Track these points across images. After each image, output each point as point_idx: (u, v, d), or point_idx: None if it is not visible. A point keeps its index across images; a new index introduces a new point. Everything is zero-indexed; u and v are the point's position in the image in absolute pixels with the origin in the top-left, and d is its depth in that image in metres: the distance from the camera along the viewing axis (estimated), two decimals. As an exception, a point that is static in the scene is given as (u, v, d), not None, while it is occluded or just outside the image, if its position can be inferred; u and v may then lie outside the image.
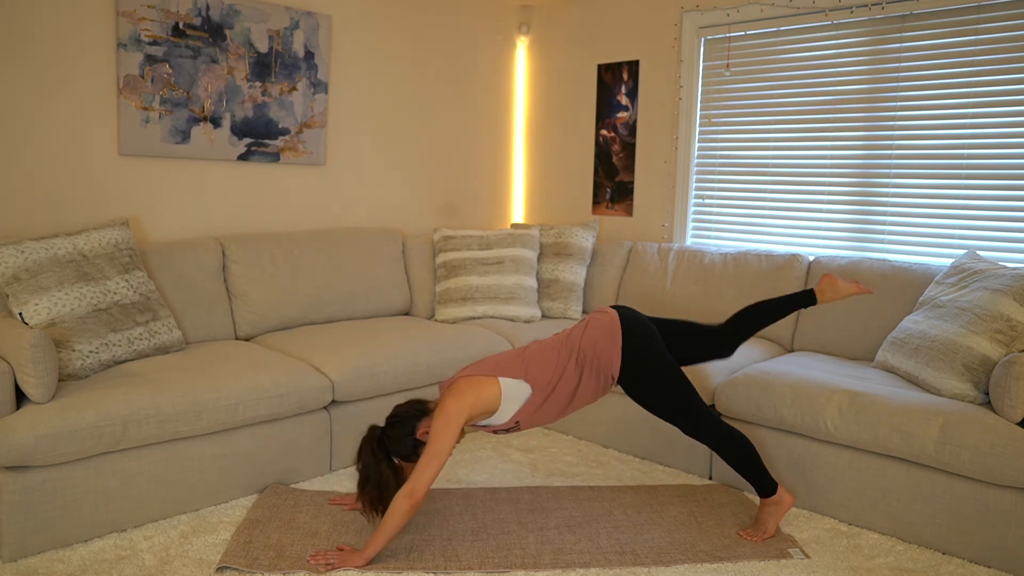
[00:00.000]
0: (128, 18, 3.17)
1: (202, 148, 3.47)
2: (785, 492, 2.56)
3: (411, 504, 2.26)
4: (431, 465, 2.27)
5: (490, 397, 2.41)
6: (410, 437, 2.40)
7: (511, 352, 2.55)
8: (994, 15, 3.20)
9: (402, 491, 2.27)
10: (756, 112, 3.92)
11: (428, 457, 2.27)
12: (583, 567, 2.35)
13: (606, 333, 2.52)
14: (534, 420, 2.50)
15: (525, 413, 2.47)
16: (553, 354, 2.51)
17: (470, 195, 4.73)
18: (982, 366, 2.63)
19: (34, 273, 2.64)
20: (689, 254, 3.93)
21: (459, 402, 2.34)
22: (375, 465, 2.38)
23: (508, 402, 2.44)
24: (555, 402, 2.49)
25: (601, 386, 2.54)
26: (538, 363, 2.48)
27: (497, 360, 2.50)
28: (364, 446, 2.41)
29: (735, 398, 2.93)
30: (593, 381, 2.51)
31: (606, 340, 2.51)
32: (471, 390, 2.39)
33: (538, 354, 2.51)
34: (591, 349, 2.50)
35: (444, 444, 2.29)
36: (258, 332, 3.45)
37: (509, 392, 2.43)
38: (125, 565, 2.30)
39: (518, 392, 2.44)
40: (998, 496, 2.40)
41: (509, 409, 2.45)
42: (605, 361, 2.50)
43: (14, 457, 2.23)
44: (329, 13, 3.87)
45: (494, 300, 3.91)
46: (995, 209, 3.26)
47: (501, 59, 4.79)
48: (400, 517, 2.27)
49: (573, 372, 2.48)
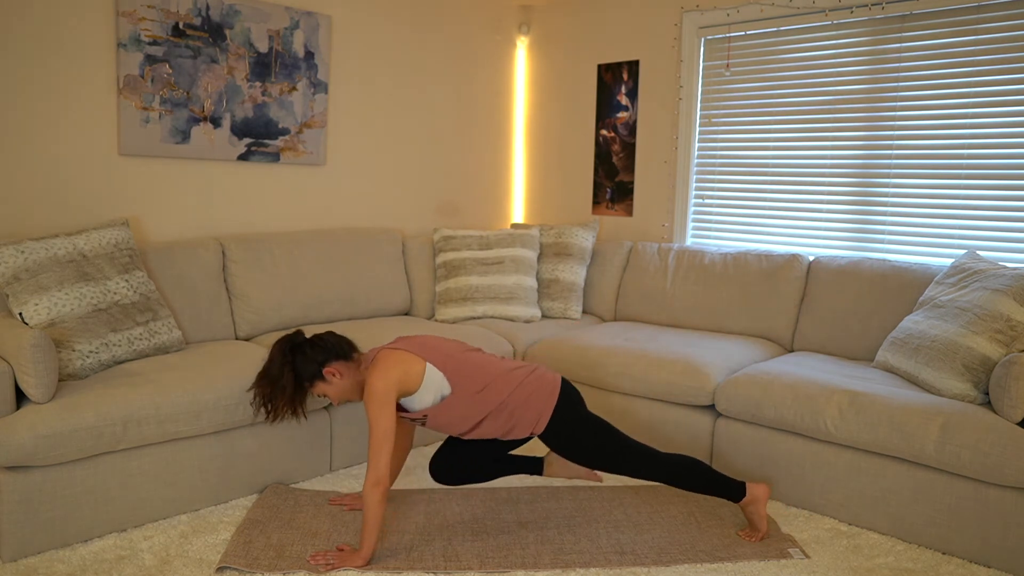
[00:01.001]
0: (128, 18, 3.17)
1: (202, 148, 3.47)
2: (755, 486, 2.53)
3: (381, 492, 2.26)
4: (381, 449, 2.26)
5: (414, 375, 2.37)
6: (317, 365, 2.41)
7: (448, 343, 2.51)
8: (994, 15, 3.20)
9: (368, 483, 2.26)
10: (756, 112, 3.92)
11: (376, 442, 2.26)
12: (583, 567, 2.35)
13: (546, 388, 2.44)
14: (439, 423, 2.44)
15: (436, 411, 2.41)
16: (488, 376, 2.43)
17: (470, 195, 4.73)
18: (982, 366, 2.63)
19: (34, 273, 2.64)
20: (689, 254, 3.93)
21: (386, 381, 2.31)
22: (280, 365, 2.41)
23: (426, 390, 2.39)
24: (465, 417, 2.41)
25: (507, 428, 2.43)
26: (471, 373, 2.42)
27: (431, 344, 2.46)
28: (279, 343, 2.44)
29: (735, 398, 2.93)
30: (501, 421, 2.42)
31: (543, 396, 2.43)
32: (398, 366, 2.35)
33: (475, 365, 2.44)
34: (524, 395, 2.42)
35: (385, 426, 2.28)
36: (258, 332, 3.45)
37: (431, 381, 2.39)
38: (125, 565, 2.30)
39: (438, 386, 2.40)
40: (998, 496, 2.40)
41: (425, 398, 2.40)
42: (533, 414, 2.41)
43: (14, 457, 2.23)
44: (329, 13, 3.87)
45: (494, 300, 3.91)
46: (995, 209, 3.26)
47: (501, 59, 4.79)
48: (377, 507, 2.27)
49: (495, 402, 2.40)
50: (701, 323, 3.78)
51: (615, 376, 3.28)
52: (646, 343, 3.41)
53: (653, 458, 2.46)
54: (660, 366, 3.17)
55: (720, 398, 2.99)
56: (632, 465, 2.45)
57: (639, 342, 3.43)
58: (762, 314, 3.60)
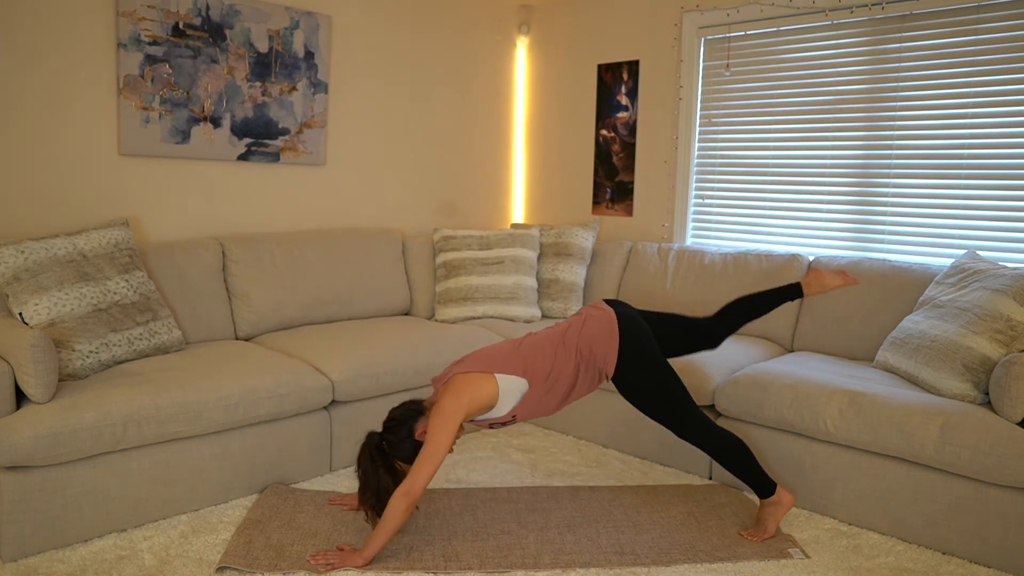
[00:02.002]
0: (128, 18, 3.17)
1: (202, 148, 3.47)
2: (784, 492, 2.56)
3: (408, 503, 2.26)
4: (428, 464, 2.27)
5: (488, 394, 2.41)
6: (409, 439, 2.40)
7: (505, 345, 2.54)
8: (994, 15, 3.20)
9: (399, 490, 2.26)
10: (756, 112, 3.92)
11: (425, 456, 2.27)
12: (583, 567, 2.35)
13: (603, 332, 2.52)
14: (531, 413, 2.51)
15: (522, 407, 2.47)
16: (550, 349, 2.50)
17: (470, 195, 4.73)
18: (982, 366, 2.63)
19: (34, 273, 2.64)
20: (689, 254, 3.93)
21: (456, 402, 2.34)
22: (374, 471, 2.37)
23: (506, 398, 2.43)
24: (552, 397, 2.49)
25: (595, 381, 2.56)
26: (535, 358, 2.48)
27: (492, 354, 2.49)
28: (363, 453, 2.41)
29: (735, 398, 2.93)
30: (588, 377, 2.53)
31: (603, 339, 2.51)
32: (468, 389, 2.38)
33: (534, 348, 2.51)
34: (587, 347, 2.50)
35: (441, 443, 2.28)
36: (258, 332, 3.45)
37: (506, 388, 2.43)
38: (125, 565, 2.30)
39: (515, 387, 2.44)
40: (998, 496, 2.40)
41: (506, 404, 2.45)
42: (601, 359, 2.51)
43: (14, 457, 2.23)
44: (329, 13, 3.87)
45: (494, 300, 3.91)
46: (995, 209, 3.26)
47: (501, 59, 4.79)
48: (398, 516, 2.27)
49: (570, 369, 2.49)
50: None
51: (615, 376, 3.28)
52: (646, 343, 3.41)
53: (709, 424, 2.54)
54: (660, 366, 3.17)
55: (720, 398, 2.99)
56: (691, 418, 2.51)
57: (639, 342, 3.43)
58: (762, 314, 3.60)
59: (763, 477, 2.54)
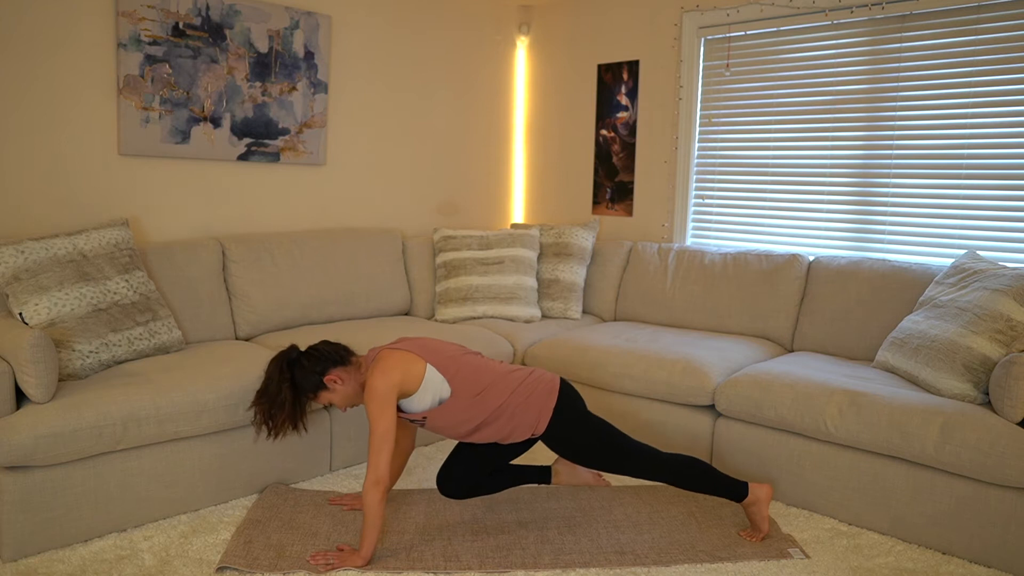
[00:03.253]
0: (128, 18, 3.17)
1: (202, 148, 3.47)
2: (758, 487, 2.53)
3: (381, 492, 2.26)
4: (381, 450, 2.26)
5: (414, 376, 2.36)
6: (317, 375, 2.41)
7: (449, 346, 2.50)
8: (994, 15, 3.20)
9: (368, 483, 2.26)
10: (756, 112, 3.92)
11: (376, 442, 2.26)
12: (583, 567, 2.35)
13: (546, 389, 2.44)
14: (440, 426, 2.44)
15: (435, 413, 2.41)
16: (489, 377, 2.43)
17: (470, 195, 4.73)
18: (982, 366, 2.63)
19: (34, 273, 2.64)
20: (689, 254, 3.93)
21: (387, 381, 2.31)
22: (278, 382, 2.40)
23: (425, 392, 2.38)
24: (467, 419, 2.41)
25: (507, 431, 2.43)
26: (471, 376, 2.42)
27: (432, 346, 2.45)
28: (275, 360, 2.44)
29: (735, 398, 2.93)
30: (507, 423, 2.41)
31: (543, 395, 2.43)
32: (399, 367, 2.34)
33: (474, 368, 2.44)
34: (526, 393, 2.42)
35: (385, 425, 2.27)
36: (258, 332, 3.45)
37: (431, 382, 2.38)
38: (125, 565, 2.30)
39: (438, 388, 2.39)
40: (998, 496, 2.40)
41: (424, 399, 2.39)
42: (534, 412, 2.41)
43: (14, 457, 2.23)
44: (329, 13, 3.87)
45: (494, 300, 3.91)
46: (995, 209, 3.26)
47: (501, 59, 4.79)
48: (377, 507, 2.27)
49: (495, 404, 2.39)
50: (701, 323, 3.78)
51: (615, 376, 3.28)
52: (646, 343, 3.41)
53: (655, 458, 2.46)
54: (660, 366, 3.17)
55: (720, 398, 2.99)
56: (634, 464, 2.45)
57: (639, 342, 3.43)
58: (762, 314, 3.60)
59: (730, 484, 2.50)
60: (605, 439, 2.45)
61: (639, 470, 2.46)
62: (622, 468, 2.46)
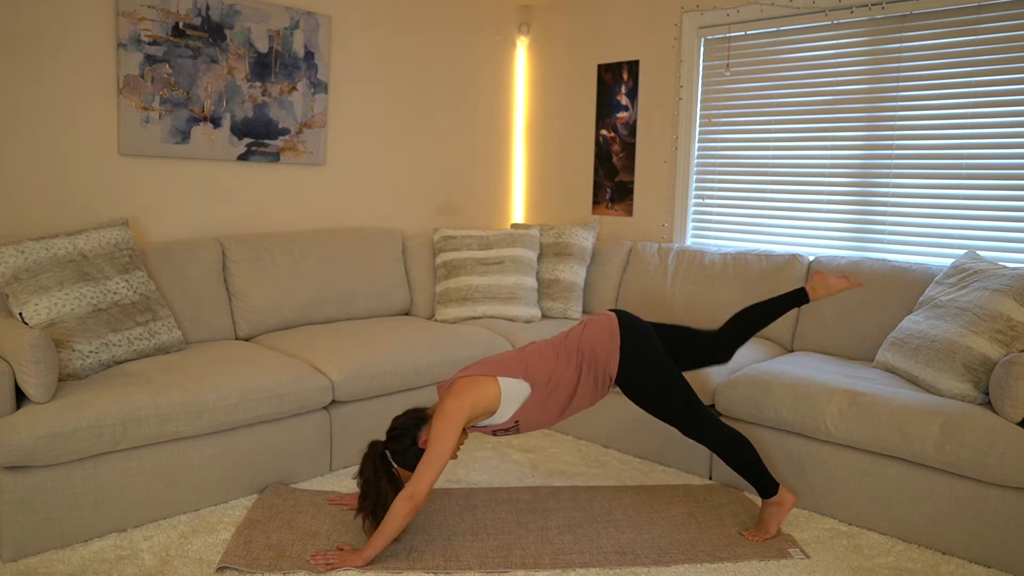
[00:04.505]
0: (128, 18, 3.17)
1: (202, 148, 3.47)
2: (787, 492, 2.56)
3: (412, 507, 2.26)
4: (432, 468, 2.27)
5: (490, 397, 2.41)
6: (412, 447, 2.40)
7: (509, 352, 2.56)
8: (994, 15, 3.20)
9: (403, 493, 2.27)
10: (756, 112, 3.92)
11: (428, 460, 2.28)
12: (583, 567, 2.35)
13: (604, 333, 2.52)
14: (533, 421, 2.50)
15: (525, 412, 2.47)
16: (551, 353, 2.52)
17: (470, 195, 4.73)
18: (982, 366, 2.63)
19: (34, 273, 2.64)
20: (689, 254, 3.93)
21: (458, 403, 2.34)
22: (375, 481, 2.36)
23: (508, 402, 2.44)
24: (555, 402, 2.49)
25: (599, 386, 2.54)
26: (537, 362, 2.49)
27: (496, 360, 2.50)
28: (366, 461, 2.40)
29: (735, 398, 2.93)
30: (591, 381, 2.52)
31: (604, 340, 2.51)
32: (470, 391, 2.39)
33: (537, 354, 2.52)
34: (589, 349, 2.51)
35: (444, 446, 2.29)
36: (258, 332, 3.45)
37: (509, 392, 2.44)
38: (125, 565, 2.30)
39: (518, 391, 2.45)
40: (998, 496, 2.40)
41: (509, 409, 2.45)
42: (603, 360, 2.51)
43: (14, 457, 2.23)
44: (329, 13, 3.87)
45: (494, 300, 3.91)
46: (995, 209, 3.26)
47: (501, 59, 4.79)
48: (400, 519, 2.27)
49: (572, 371, 2.49)
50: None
51: (615, 376, 3.28)
52: (646, 343, 3.41)
53: (714, 421, 2.54)
54: (660, 366, 3.17)
55: (720, 398, 2.99)
56: (696, 415, 2.51)
57: (639, 342, 3.43)
58: (762, 314, 3.60)
59: (767, 476, 2.55)
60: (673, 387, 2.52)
61: (696, 428, 2.52)
62: (684, 410, 2.51)
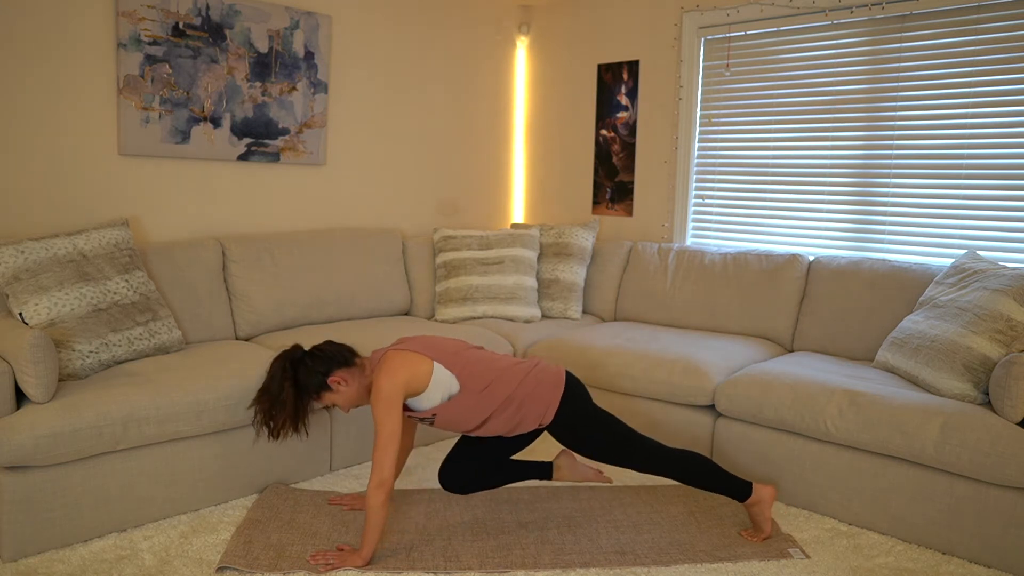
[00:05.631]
0: (128, 18, 3.17)
1: (202, 148, 3.47)
2: (762, 487, 2.53)
3: (385, 493, 2.25)
4: (387, 451, 2.25)
5: (421, 375, 2.36)
6: (321, 375, 2.39)
7: (451, 342, 2.50)
8: (994, 15, 3.20)
9: (372, 484, 2.25)
10: (756, 112, 3.92)
11: (381, 444, 2.25)
12: (583, 567, 2.35)
13: (551, 380, 2.45)
14: (449, 421, 2.44)
15: (445, 409, 2.41)
16: (493, 371, 2.43)
17: (470, 195, 4.73)
18: (982, 366, 2.63)
19: (34, 273, 2.64)
20: (689, 254, 3.93)
21: (392, 381, 2.30)
22: (280, 381, 2.37)
23: (434, 389, 2.38)
24: (476, 414, 2.41)
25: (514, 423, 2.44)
26: (477, 368, 2.42)
27: (435, 343, 2.45)
28: (278, 358, 2.41)
29: (735, 398, 2.93)
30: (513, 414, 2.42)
31: (549, 385, 2.44)
32: (404, 367, 2.34)
33: (480, 361, 2.45)
34: (533, 384, 2.43)
35: (390, 428, 2.26)
36: (258, 332, 3.45)
37: (439, 380, 2.38)
38: (125, 565, 2.30)
39: (447, 385, 2.39)
40: (998, 496, 2.40)
41: (433, 397, 2.39)
42: (542, 403, 2.42)
43: (14, 457, 2.23)
44: (329, 13, 3.88)
45: (494, 300, 3.91)
46: (995, 209, 3.26)
47: (501, 59, 4.79)
48: (380, 510, 2.27)
49: (503, 395, 2.40)
50: (701, 323, 3.78)
51: (615, 376, 3.28)
52: (646, 343, 3.41)
53: (661, 451, 2.46)
54: (660, 366, 3.17)
55: (720, 398, 2.99)
56: (640, 458, 2.45)
57: (639, 342, 3.43)
58: (762, 314, 3.60)
59: (735, 483, 2.50)
60: (612, 430, 2.45)
61: (645, 464, 2.46)
62: (628, 460, 2.45)
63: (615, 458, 2.46)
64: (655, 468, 2.46)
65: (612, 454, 2.45)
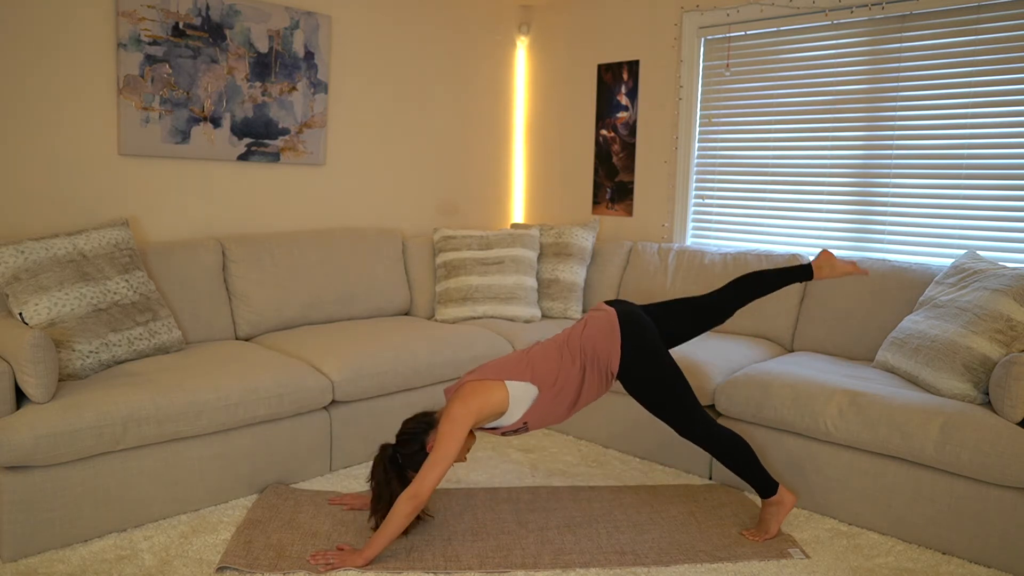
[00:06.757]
0: (128, 18, 3.17)
1: (202, 148, 3.47)
2: (786, 492, 2.56)
3: (414, 506, 2.27)
4: (435, 469, 2.28)
5: (497, 401, 2.42)
6: (421, 452, 2.41)
7: (514, 354, 2.57)
8: (994, 15, 3.20)
9: (405, 493, 2.27)
10: (756, 112, 3.92)
11: (433, 461, 2.28)
12: (583, 567, 2.35)
13: (605, 331, 2.53)
14: (542, 420, 2.51)
15: (533, 413, 2.47)
16: (556, 354, 2.52)
17: (470, 195, 4.73)
18: (982, 366, 2.63)
19: (34, 273, 2.64)
20: (689, 254, 3.93)
21: (464, 408, 2.35)
22: (387, 483, 2.39)
23: (516, 404, 2.45)
24: (562, 401, 2.49)
25: (604, 381, 2.56)
26: (543, 364, 2.49)
27: (502, 363, 2.51)
28: (377, 465, 2.43)
29: (735, 398, 2.93)
30: (596, 378, 2.53)
31: (605, 338, 2.52)
32: (477, 395, 2.40)
33: (542, 355, 2.53)
34: (591, 347, 2.51)
35: (449, 449, 2.29)
36: (258, 332, 3.45)
37: (517, 395, 2.45)
38: (125, 565, 2.30)
39: (525, 394, 2.45)
40: (998, 496, 2.40)
41: (517, 411, 2.46)
42: (604, 358, 2.51)
43: (14, 457, 2.23)
44: (329, 13, 3.87)
45: (494, 300, 3.91)
46: (995, 209, 3.26)
47: (501, 59, 4.79)
48: (402, 519, 2.27)
49: (576, 370, 2.49)
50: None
51: (615, 376, 3.28)
52: (646, 343, 3.41)
53: (711, 423, 2.54)
54: (660, 366, 3.17)
55: (720, 398, 2.99)
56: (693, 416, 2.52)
57: (639, 342, 3.43)
58: (762, 314, 3.60)
59: (765, 477, 2.55)
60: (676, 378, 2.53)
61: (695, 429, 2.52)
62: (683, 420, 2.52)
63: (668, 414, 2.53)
64: (700, 438, 2.53)
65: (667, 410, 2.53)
